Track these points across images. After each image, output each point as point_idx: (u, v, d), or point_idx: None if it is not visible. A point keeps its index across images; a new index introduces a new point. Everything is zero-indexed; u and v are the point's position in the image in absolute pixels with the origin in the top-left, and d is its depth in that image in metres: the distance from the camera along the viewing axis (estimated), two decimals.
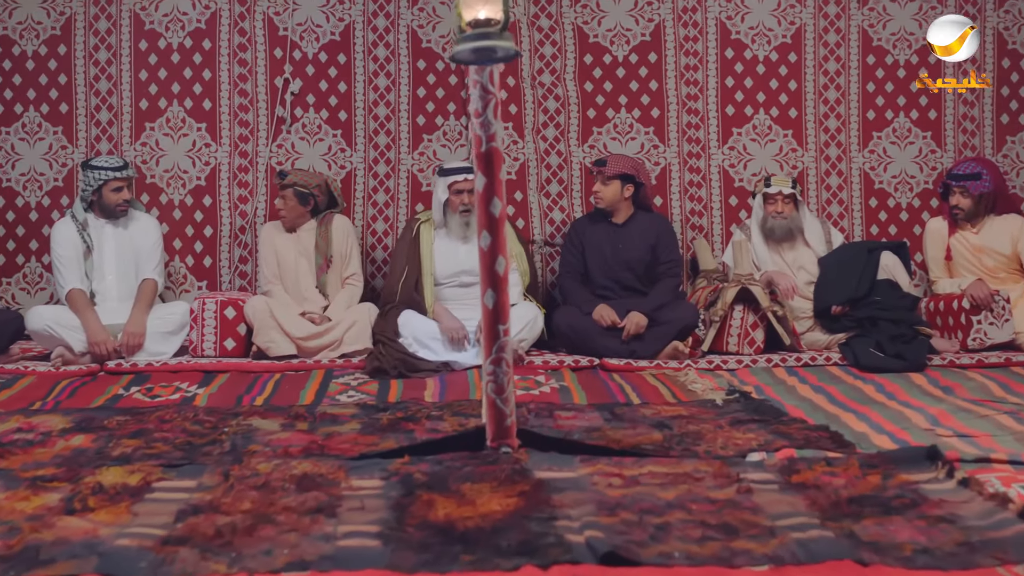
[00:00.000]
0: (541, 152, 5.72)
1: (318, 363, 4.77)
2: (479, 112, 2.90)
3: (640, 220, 5.19)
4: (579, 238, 5.24)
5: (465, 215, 5.03)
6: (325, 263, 5.17)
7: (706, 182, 5.78)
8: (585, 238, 5.21)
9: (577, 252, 5.22)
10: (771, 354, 4.88)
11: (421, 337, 4.77)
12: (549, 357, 4.90)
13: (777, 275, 5.06)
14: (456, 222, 5.03)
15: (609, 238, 5.15)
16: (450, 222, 5.06)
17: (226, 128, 5.67)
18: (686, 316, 4.89)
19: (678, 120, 5.78)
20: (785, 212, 5.16)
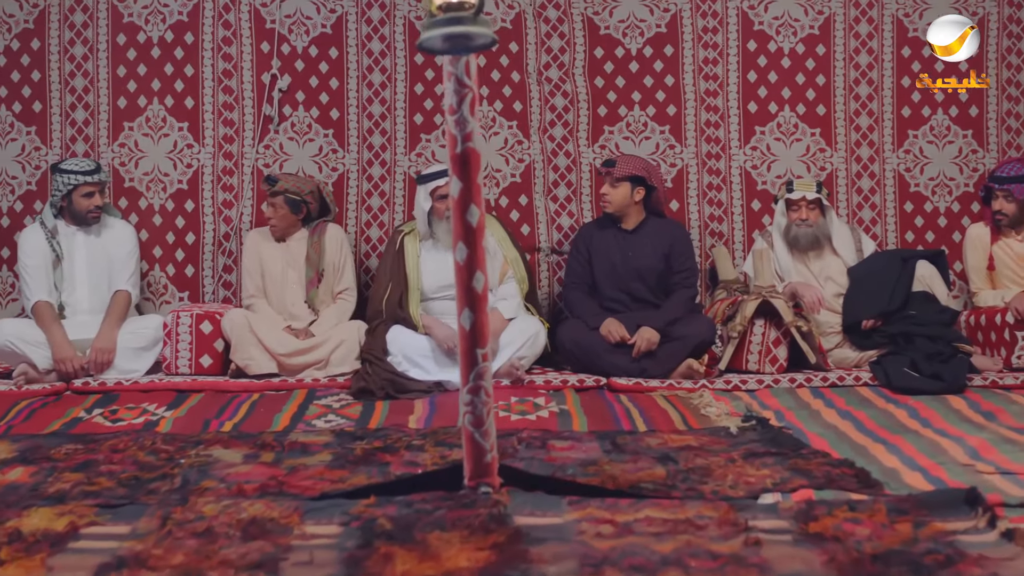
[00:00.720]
0: (548, 153, 5.46)
1: (300, 382, 4.53)
2: (454, 108, 2.65)
3: (652, 226, 4.91)
4: (586, 245, 4.97)
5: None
6: (316, 276, 4.93)
7: (726, 185, 5.49)
8: (592, 245, 4.95)
9: (583, 261, 4.95)
10: (795, 373, 4.60)
11: (411, 355, 4.52)
12: (552, 376, 4.64)
13: (802, 287, 4.76)
14: (444, 230, 4.78)
15: (618, 245, 4.88)
16: (437, 231, 4.81)
17: (210, 128, 5.45)
18: (702, 331, 4.61)
19: (696, 118, 5.49)
20: (810, 219, 4.87)
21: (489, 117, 5.41)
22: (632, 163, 4.86)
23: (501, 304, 4.75)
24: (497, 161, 5.42)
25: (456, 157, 2.67)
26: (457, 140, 2.67)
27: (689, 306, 4.80)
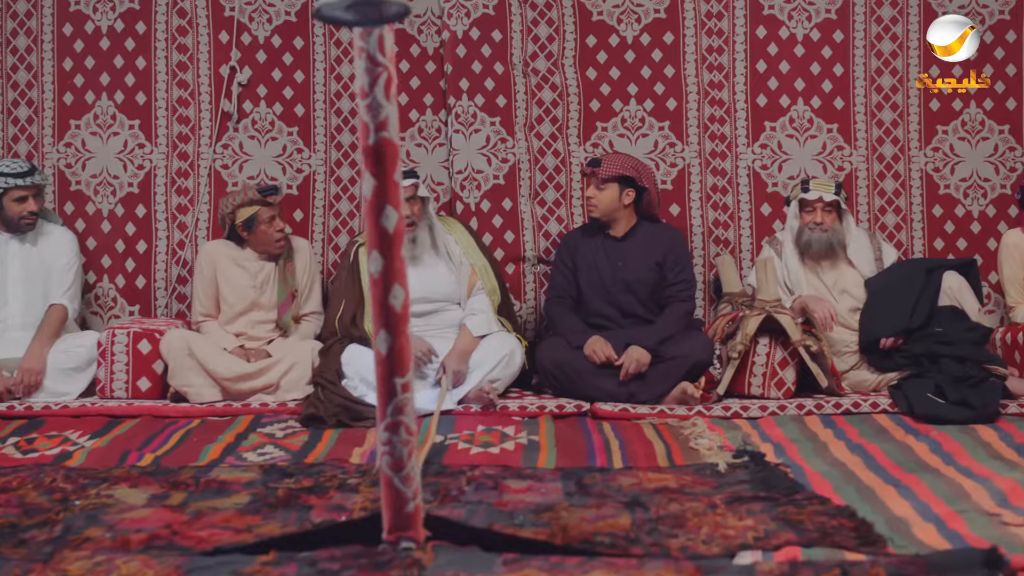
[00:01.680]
0: (535, 152, 5.11)
1: (247, 407, 4.21)
2: (365, 91, 2.29)
3: (644, 232, 4.55)
4: (570, 255, 4.62)
5: (409, 230, 4.44)
6: (290, 298, 4.59)
7: (732, 187, 5.11)
8: (577, 255, 4.60)
9: (568, 272, 4.60)
10: (804, 398, 4.23)
11: (369, 377, 4.16)
12: (530, 400, 4.28)
13: (813, 301, 4.37)
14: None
15: (606, 254, 4.53)
16: None
17: (163, 126, 5.15)
18: (698, 351, 4.24)
19: (699, 113, 5.12)
20: (825, 223, 4.49)
21: (470, 113, 5.07)
22: (620, 162, 4.50)
23: (470, 320, 4.41)
24: (478, 161, 5.08)
25: (369, 150, 2.32)
26: (370, 129, 2.31)
27: (685, 322, 4.43)
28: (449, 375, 4.15)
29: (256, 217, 4.52)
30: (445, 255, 4.59)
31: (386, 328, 2.36)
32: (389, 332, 2.36)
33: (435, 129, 5.17)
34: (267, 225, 4.53)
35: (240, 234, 4.57)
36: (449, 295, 4.54)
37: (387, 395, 2.38)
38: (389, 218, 2.34)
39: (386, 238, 2.35)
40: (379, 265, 2.35)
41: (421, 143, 5.17)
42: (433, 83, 5.16)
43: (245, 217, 4.51)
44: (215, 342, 4.42)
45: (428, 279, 4.51)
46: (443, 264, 4.58)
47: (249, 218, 4.51)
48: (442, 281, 4.54)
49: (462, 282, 4.54)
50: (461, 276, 4.55)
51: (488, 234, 5.06)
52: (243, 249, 4.62)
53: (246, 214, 4.51)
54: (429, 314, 4.50)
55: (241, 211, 4.51)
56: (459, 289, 4.56)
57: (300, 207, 5.15)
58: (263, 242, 4.56)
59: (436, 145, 5.17)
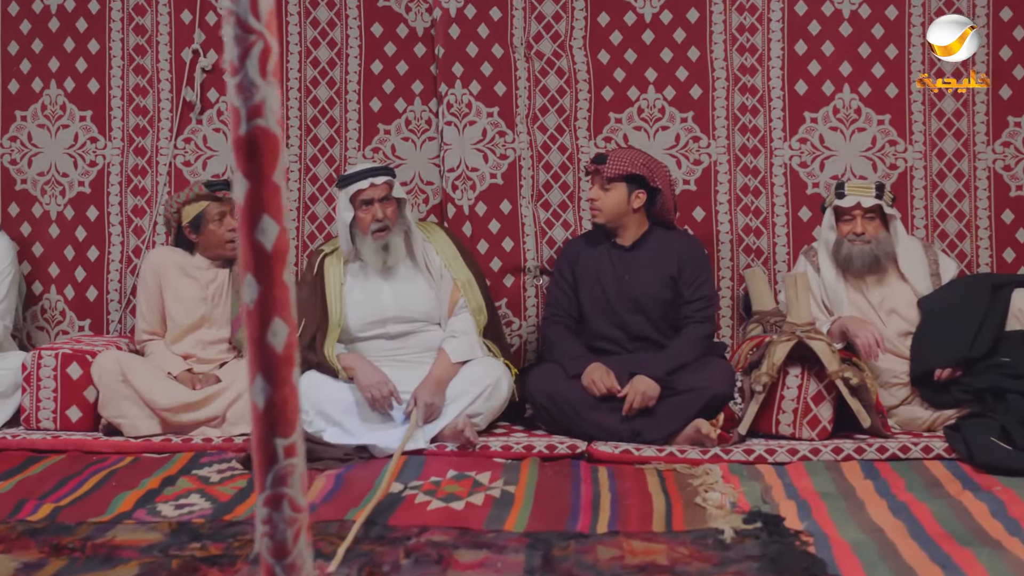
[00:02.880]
0: (538, 147, 4.64)
1: (188, 442, 3.80)
2: (236, 66, 1.82)
3: (657, 241, 4.08)
4: (570, 267, 4.16)
5: (380, 236, 4.01)
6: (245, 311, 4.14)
7: (766, 188, 4.60)
8: (578, 267, 4.14)
9: (567, 287, 4.15)
10: (842, 440, 3.72)
11: (328, 410, 3.74)
12: (519, 438, 3.82)
13: (855, 323, 3.85)
14: (370, 248, 4.02)
15: (612, 266, 4.07)
16: (362, 249, 4.04)
17: (118, 117, 4.79)
18: (716, 382, 3.76)
19: (728, 102, 4.62)
20: (867, 233, 3.97)
21: (464, 102, 4.61)
22: (629, 158, 4.02)
23: (450, 344, 3.95)
24: (473, 158, 4.62)
25: (240, 142, 1.84)
26: (240, 115, 1.86)
27: (702, 348, 3.94)
28: (420, 408, 3.70)
29: (204, 215, 4.11)
30: (424, 267, 4.13)
31: (264, 374, 1.90)
32: (268, 380, 1.88)
33: (424, 121, 4.73)
34: (217, 224, 4.12)
35: (188, 237, 4.16)
36: (427, 313, 4.08)
37: (266, 461, 1.93)
38: (267, 232, 1.87)
39: (263, 258, 1.87)
40: (255, 293, 1.88)
41: (408, 136, 4.73)
42: (423, 68, 4.72)
43: (192, 216, 4.10)
44: (157, 366, 4.02)
45: (403, 294, 4.07)
46: (421, 277, 4.12)
47: (196, 216, 4.11)
48: (419, 297, 4.08)
49: (443, 298, 4.09)
50: (442, 291, 4.10)
51: (484, 241, 4.61)
52: (193, 255, 4.21)
53: (193, 212, 4.11)
54: (404, 335, 4.05)
55: (187, 209, 4.11)
56: (439, 306, 4.10)
57: None
58: (213, 244, 4.15)
59: (426, 139, 4.73)
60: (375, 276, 4.06)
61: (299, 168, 4.74)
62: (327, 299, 4.00)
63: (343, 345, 4.01)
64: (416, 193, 4.71)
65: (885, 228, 4.00)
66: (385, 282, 4.06)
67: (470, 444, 3.67)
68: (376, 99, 4.73)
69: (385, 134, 4.74)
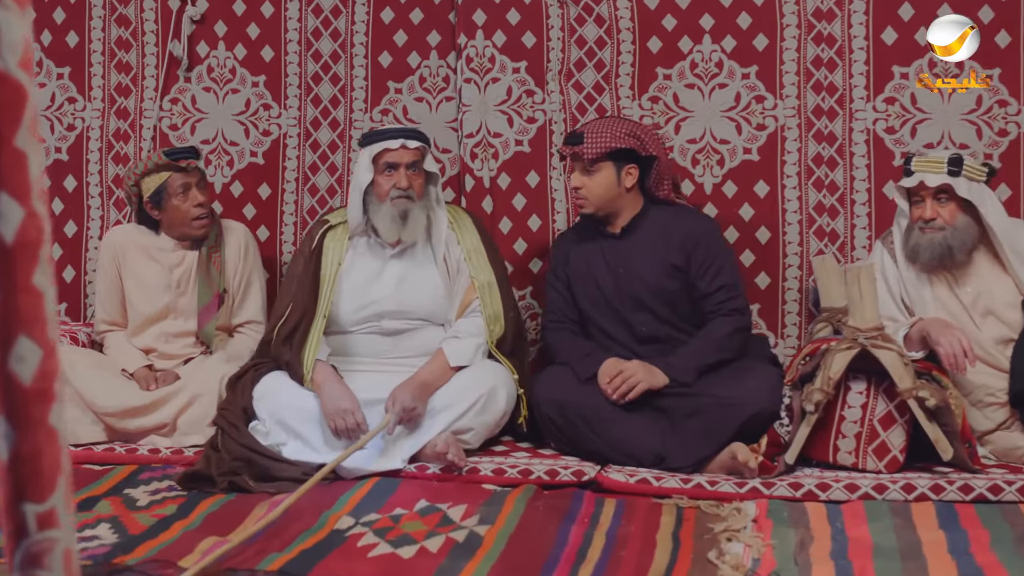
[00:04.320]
0: (572, 109, 4.09)
1: (133, 452, 3.41)
2: None
3: (652, 222, 3.56)
4: (562, 266, 3.66)
5: (401, 203, 3.50)
6: (215, 300, 3.73)
7: (844, 158, 3.96)
8: (569, 266, 3.63)
9: (563, 288, 3.65)
10: (918, 473, 3.11)
11: (289, 420, 3.29)
12: (518, 458, 3.31)
13: (938, 327, 3.21)
14: (386, 215, 3.50)
15: (604, 260, 3.56)
16: (376, 217, 3.53)
17: (98, 75, 4.41)
18: (757, 395, 3.20)
19: (800, 54, 3.99)
20: (940, 219, 3.32)
21: (486, 56, 4.09)
22: (609, 130, 3.47)
23: (450, 345, 3.45)
24: (496, 121, 4.10)
25: None
26: None
27: (731, 346, 3.40)
28: (395, 413, 3.20)
29: (166, 188, 3.69)
30: (441, 257, 3.62)
31: (7, 415, 1.45)
32: (13, 422, 1.44)
33: (441, 78, 4.22)
34: (181, 198, 3.70)
35: (150, 214, 3.75)
36: (431, 311, 3.57)
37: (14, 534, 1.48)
38: (5, 217, 1.43)
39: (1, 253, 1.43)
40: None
41: (422, 96, 4.23)
42: (441, 17, 4.21)
43: (152, 189, 3.69)
44: (114, 361, 3.63)
45: (408, 284, 3.56)
46: (434, 268, 3.60)
47: (157, 190, 3.69)
48: (427, 290, 3.56)
49: (454, 297, 3.59)
50: (455, 289, 3.59)
51: (506, 219, 4.10)
52: (158, 235, 3.80)
53: (153, 184, 3.69)
54: (400, 333, 3.55)
55: (146, 181, 3.70)
56: (448, 305, 3.59)
57: (267, 181, 4.31)
58: (178, 222, 3.74)
59: (442, 99, 4.22)
60: (381, 257, 3.58)
61: (298, 133, 4.29)
62: (319, 282, 3.53)
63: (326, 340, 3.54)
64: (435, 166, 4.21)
65: (962, 212, 3.33)
66: (390, 266, 3.57)
67: (454, 467, 3.17)
68: (386, 53, 4.24)
69: (396, 93, 4.25)
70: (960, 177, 3.29)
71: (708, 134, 4.02)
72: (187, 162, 3.70)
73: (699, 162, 4.03)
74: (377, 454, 3.20)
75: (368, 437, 3.14)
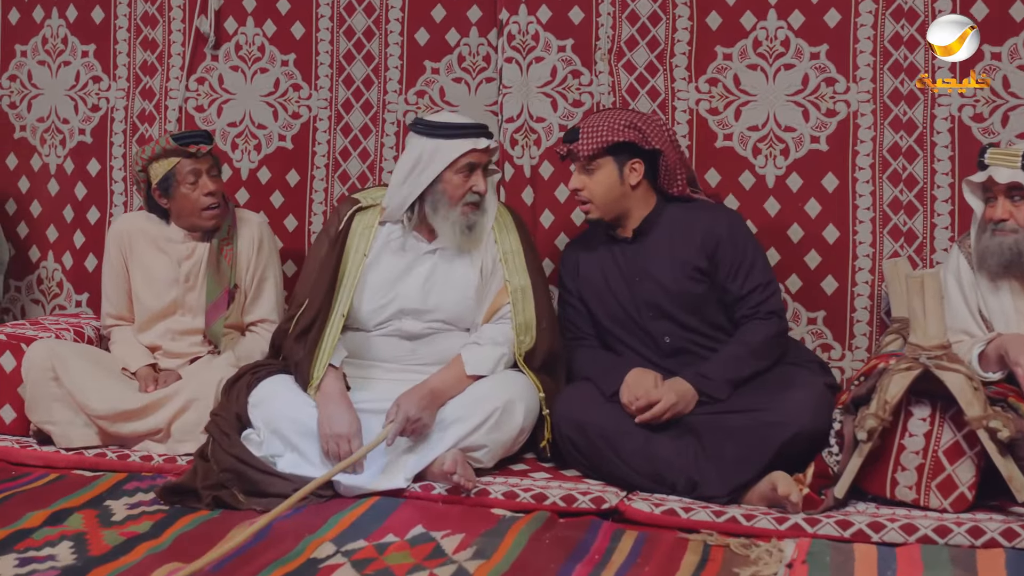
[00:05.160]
0: (622, 91, 3.80)
1: (124, 459, 3.27)
2: None
3: (669, 221, 3.26)
4: (572, 279, 3.39)
5: (472, 213, 3.25)
6: (225, 296, 3.53)
7: (925, 148, 3.59)
8: (580, 277, 3.36)
9: (577, 302, 3.38)
10: (989, 513, 2.77)
11: (285, 430, 3.06)
12: (533, 483, 3.02)
13: (1018, 345, 2.85)
14: (455, 224, 3.23)
15: (617, 267, 3.28)
16: (438, 221, 3.25)
17: (124, 52, 4.27)
18: (798, 414, 2.89)
19: (876, 31, 3.62)
20: (1013, 219, 2.94)
21: (529, 33, 3.82)
22: (606, 123, 3.18)
23: (469, 352, 3.19)
24: (539, 105, 3.83)
25: None
26: None
27: (772, 353, 3.10)
28: (398, 423, 2.96)
29: (174, 174, 3.50)
30: (479, 257, 3.35)
31: None
32: None
33: (482, 57, 3.96)
34: (190, 186, 3.50)
35: (158, 202, 3.57)
36: (457, 314, 3.30)
37: None
38: None
39: None
40: None
41: (461, 77, 3.98)
42: None
43: (160, 175, 3.50)
44: (114, 360, 3.50)
45: (437, 282, 3.30)
46: (468, 266, 3.33)
47: (165, 176, 3.51)
48: (456, 291, 3.29)
49: (484, 301, 3.32)
50: (488, 292, 3.33)
51: (548, 212, 3.84)
52: (168, 225, 3.62)
53: (161, 171, 3.51)
54: (420, 337, 3.29)
55: (154, 167, 3.52)
56: (476, 309, 3.33)
57: (295, 167, 4.11)
58: (186, 211, 3.55)
59: (482, 80, 3.97)
60: (414, 251, 3.31)
61: (330, 116, 4.07)
62: (340, 271, 3.28)
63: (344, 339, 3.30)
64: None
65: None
66: (421, 261, 3.31)
67: (462, 490, 2.91)
68: (423, 30, 3.99)
69: (433, 73, 3.99)
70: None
71: (772, 120, 3.69)
72: (197, 147, 3.50)
73: (761, 151, 3.70)
74: (379, 471, 2.97)
75: (362, 453, 2.91)
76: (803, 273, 3.66)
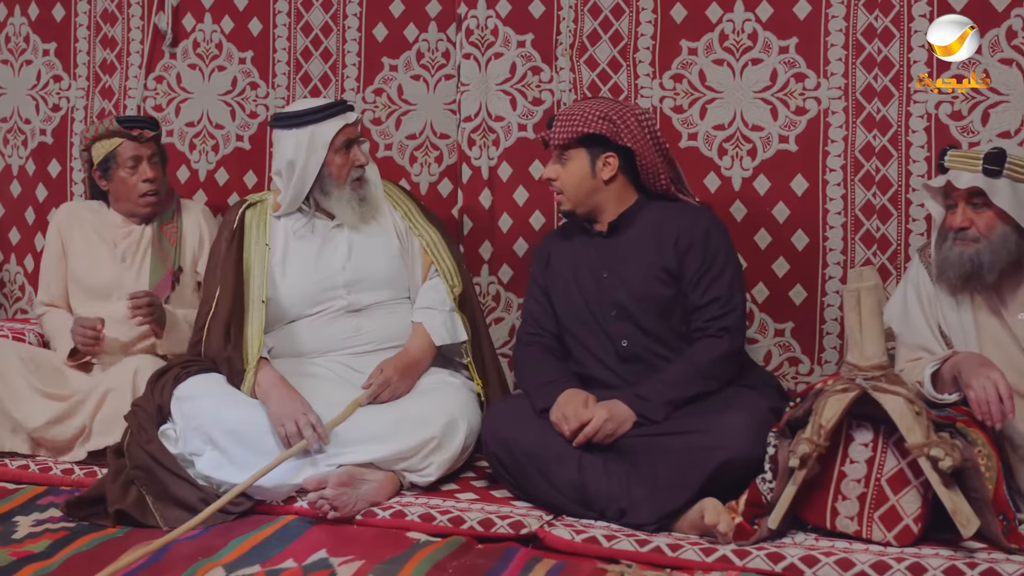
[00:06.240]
0: (585, 88, 3.63)
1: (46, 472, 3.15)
2: None
3: (647, 219, 3.06)
4: (542, 270, 3.21)
5: (359, 187, 3.27)
6: (169, 277, 3.44)
7: (899, 149, 3.37)
8: (550, 269, 3.18)
9: (540, 295, 3.19)
10: (936, 548, 2.55)
11: (207, 426, 2.94)
12: (454, 505, 2.86)
13: (971, 365, 2.62)
14: (346, 200, 3.25)
15: (588, 263, 3.09)
16: (329, 201, 3.26)
17: (84, 51, 4.18)
18: (733, 438, 2.69)
19: (848, 23, 3.41)
20: (975, 227, 2.71)
21: (488, 28, 3.67)
22: (580, 114, 2.99)
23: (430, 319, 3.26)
24: (498, 103, 3.67)
25: None
26: None
27: (719, 373, 2.91)
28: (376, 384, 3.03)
29: (115, 156, 3.44)
30: (389, 223, 3.37)
31: None
32: None
33: (441, 54, 3.82)
34: (129, 170, 3.46)
35: (98, 183, 3.52)
36: (392, 278, 3.31)
37: None
38: None
39: None
40: None
41: (419, 74, 3.84)
42: None
43: (101, 156, 3.45)
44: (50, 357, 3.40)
45: (358, 251, 3.30)
46: (381, 232, 3.35)
47: (106, 157, 3.46)
48: (381, 255, 3.32)
49: (414, 268, 3.34)
50: (413, 259, 3.35)
51: (507, 215, 3.69)
52: (110, 210, 3.57)
53: (103, 151, 3.48)
54: (363, 309, 3.26)
55: (97, 147, 3.50)
56: (409, 274, 3.34)
57: (253, 167, 4.01)
58: (123, 195, 3.51)
59: (441, 77, 3.81)
60: (320, 231, 3.30)
61: None
62: (244, 266, 3.21)
63: (272, 336, 3.21)
64: (427, 150, 3.83)
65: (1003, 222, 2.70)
66: (333, 236, 3.30)
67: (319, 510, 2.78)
68: (381, 25, 3.85)
69: (391, 71, 3.86)
70: (1001, 178, 2.66)
71: (738, 119, 3.49)
72: (140, 131, 3.42)
73: (727, 152, 3.51)
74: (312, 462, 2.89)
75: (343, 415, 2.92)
76: (770, 282, 3.46)
